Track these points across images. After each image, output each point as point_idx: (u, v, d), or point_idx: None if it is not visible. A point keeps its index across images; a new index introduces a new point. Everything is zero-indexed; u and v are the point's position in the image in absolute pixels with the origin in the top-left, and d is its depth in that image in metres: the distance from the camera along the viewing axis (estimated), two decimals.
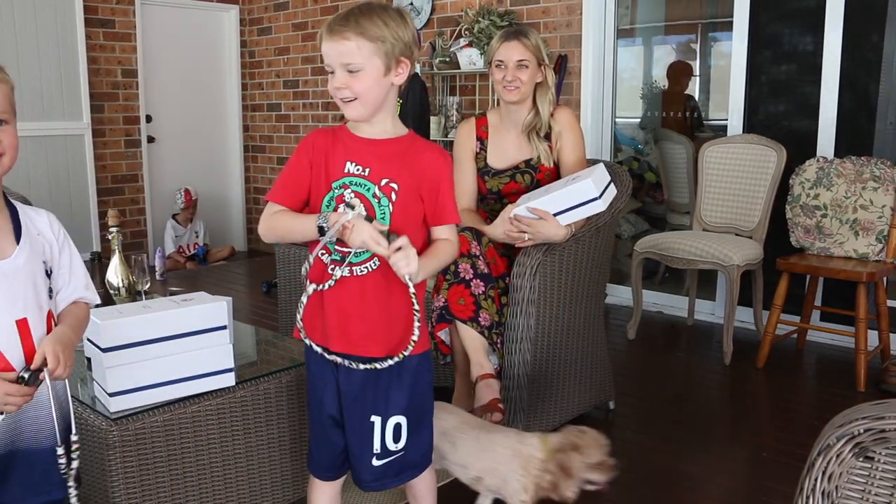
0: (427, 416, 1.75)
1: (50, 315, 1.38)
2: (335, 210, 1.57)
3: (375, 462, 1.67)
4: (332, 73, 1.56)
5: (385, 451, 1.67)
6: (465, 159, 2.75)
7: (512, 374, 2.50)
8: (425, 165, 1.62)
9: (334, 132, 1.64)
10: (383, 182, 1.59)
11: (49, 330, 1.36)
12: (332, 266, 1.60)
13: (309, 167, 1.61)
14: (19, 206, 1.39)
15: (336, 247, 1.59)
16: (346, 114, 1.59)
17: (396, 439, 1.68)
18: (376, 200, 1.58)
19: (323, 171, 1.60)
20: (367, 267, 1.60)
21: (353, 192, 1.58)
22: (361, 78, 1.53)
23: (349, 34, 1.52)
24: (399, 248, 1.49)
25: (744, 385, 3.38)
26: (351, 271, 1.60)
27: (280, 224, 1.61)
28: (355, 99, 1.55)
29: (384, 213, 1.58)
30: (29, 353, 1.31)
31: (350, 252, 1.57)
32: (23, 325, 1.31)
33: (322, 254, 1.61)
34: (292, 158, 1.63)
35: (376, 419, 1.65)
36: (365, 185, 1.59)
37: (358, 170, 1.59)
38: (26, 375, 1.28)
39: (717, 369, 3.54)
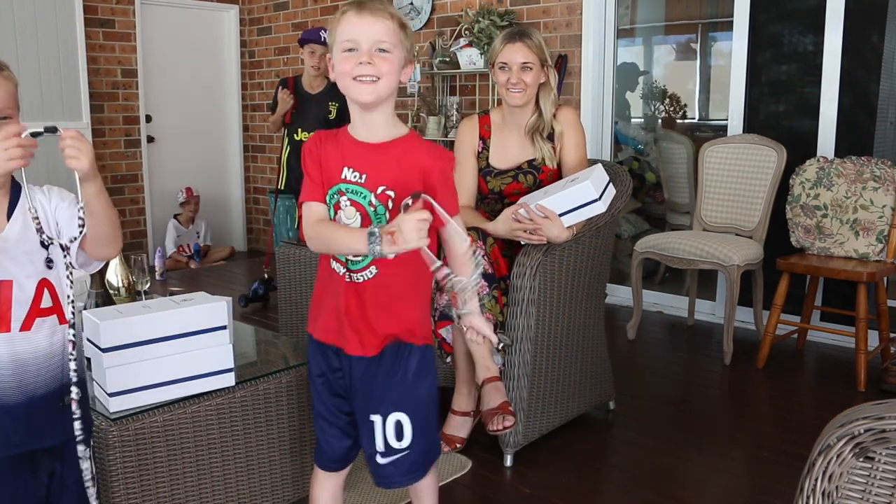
0: (432, 415, 1.74)
1: (44, 283, 1.40)
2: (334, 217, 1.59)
3: (381, 460, 1.68)
4: (351, 50, 1.51)
5: (389, 450, 1.67)
6: (467, 156, 2.74)
7: (512, 374, 2.50)
8: (425, 167, 1.57)
9: (336, 135, 1.63)
10: (379, 190, 1.55)
11: (39, 296, 1.40)
12: (344, 269, 1.61)
13: (319, 168, 1.60)
14: (26, 186, 1.39)
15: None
16: (361, 97, 1.53)
17: (399, 437, 1.66)
18: (372, 209, 1.55)
19: (325, 173, 1.60)
20: (369, 272, 1.59)
21: (348, 199, 1.56)
22: (389, 59, 1.52)
23: (388, 15, 1.52)
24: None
25: (744, 385, 3.37)
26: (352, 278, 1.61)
27: (325, 232, 1.57)
28: (378, 79, 1.51)
29: (380, 221, 1.55)
30: (3, 313, 1.35)
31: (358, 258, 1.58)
32: (5, 286, 1.36)
33: (332, 262, 1.62)
34: (305, 161, 1.63)
35: (376, 418, 1.66)
36: (361, 193, 1.56)
37: (355, 176, 1.56)
38: (40, 130, 1.28)
39: (718, 369, 3.53)
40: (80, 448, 1.39)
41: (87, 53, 5.67)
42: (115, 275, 2.47)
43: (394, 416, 1.66)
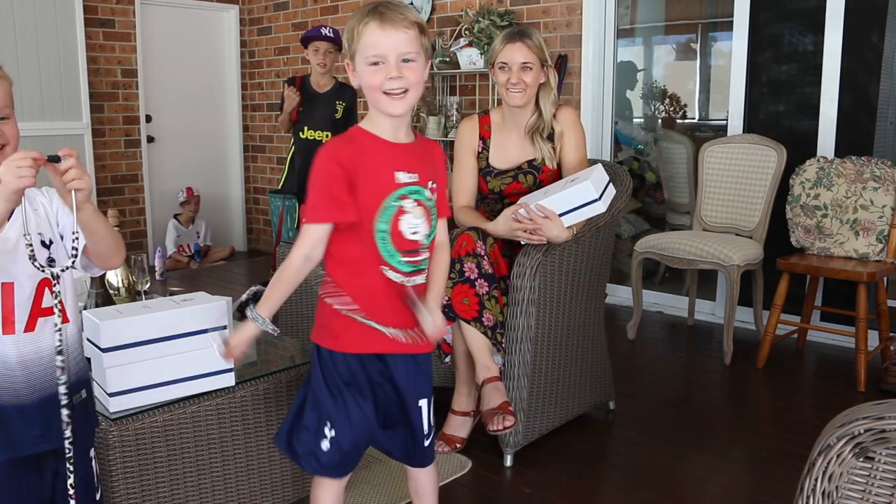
0: None
1: (45, 283, 1.40)
2: (395, 228, 1.57)
3: (427, 442, 1.74)
4: (377, 64, 1.51)
5: (430, 429, 1.75)
6: (467, 156, 2.74)
7: (512, 374, 2.50)
8: (438, 161, 1.67)
9: (361, 143, 1.57)
10: (430, 185, 1.62)
11: (40, 296, 1.41)
12: (407, 278, 1.63)
13: (348, 186, 1.53)
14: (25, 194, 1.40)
15: (405, 259, 1.60)
16: (394, 110, 1.54)
17: (433, 413, 1.76)
18: (431, 204, 1.62)
19: (361, 186, 1.53)
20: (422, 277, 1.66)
21: (414, 200, 1.58)
22: (415, 69, 1.53)
23: (409, 23, 1.52)
24: None
25: (744, 385, 3.37)
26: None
27: (289, 277, 1.66)
28: (407, 91, 1.53)
29: (433, 215, 1.63)
30: (7, 315, 1.36)
31: (422, 259, 1.63)
32: (7, 289, 1.37)
33: (387, 271, 1.60)
34: (325, 179, 1.53)
35: (423, 402, 1.71)
36: (420, 192, 1.59)
37: (410, 177, 1.58)
38: (45, 158, 1.31)
39: (718, 369, 3.54)
40: (76, 451, 1.39)
41: (87, 53, 5.66)
42: (115, 275, 2.47)
43: (432, 395, 1.74)
